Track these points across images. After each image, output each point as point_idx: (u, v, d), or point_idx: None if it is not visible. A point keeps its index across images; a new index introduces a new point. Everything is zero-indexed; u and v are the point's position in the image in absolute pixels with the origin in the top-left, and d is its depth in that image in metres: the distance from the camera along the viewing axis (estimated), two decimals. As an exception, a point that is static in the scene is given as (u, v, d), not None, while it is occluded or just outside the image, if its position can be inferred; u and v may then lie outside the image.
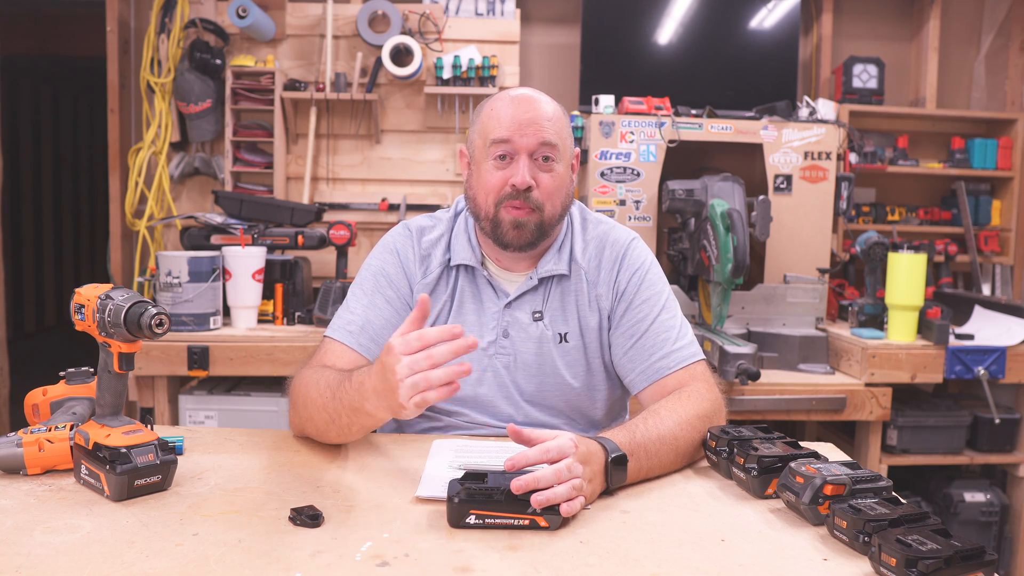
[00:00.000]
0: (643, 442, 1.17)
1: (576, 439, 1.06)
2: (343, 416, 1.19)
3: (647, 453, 1.17)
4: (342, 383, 1.19)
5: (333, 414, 1.21)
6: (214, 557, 0.89)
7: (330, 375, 1.25)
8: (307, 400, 1.27)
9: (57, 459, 1.13)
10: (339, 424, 1.21)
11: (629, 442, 1.15)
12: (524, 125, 1.35)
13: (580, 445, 1.06)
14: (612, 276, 1.46)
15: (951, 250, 3.10)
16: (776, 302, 2.70)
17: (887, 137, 3.40)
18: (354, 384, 1.16)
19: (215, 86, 3.05)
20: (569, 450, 1.03)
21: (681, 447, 1.23)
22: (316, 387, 1.25)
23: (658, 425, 1.22)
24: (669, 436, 1.21)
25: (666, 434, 1.21)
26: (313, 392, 1.25)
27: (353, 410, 1.17)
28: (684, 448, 1.24)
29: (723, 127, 2.79)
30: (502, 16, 3.20)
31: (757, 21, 3.26)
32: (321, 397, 1.23)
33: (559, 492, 0.99)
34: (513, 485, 0.97)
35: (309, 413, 1.27)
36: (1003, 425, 2.63)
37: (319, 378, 1.26)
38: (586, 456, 1.07)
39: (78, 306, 1.09)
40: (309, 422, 1.28)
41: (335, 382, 1.21)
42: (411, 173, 3.23)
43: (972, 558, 0.87)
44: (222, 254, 2.57)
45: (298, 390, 1.31)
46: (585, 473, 1.05)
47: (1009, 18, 3.43)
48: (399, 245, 1.48)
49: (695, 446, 1.26)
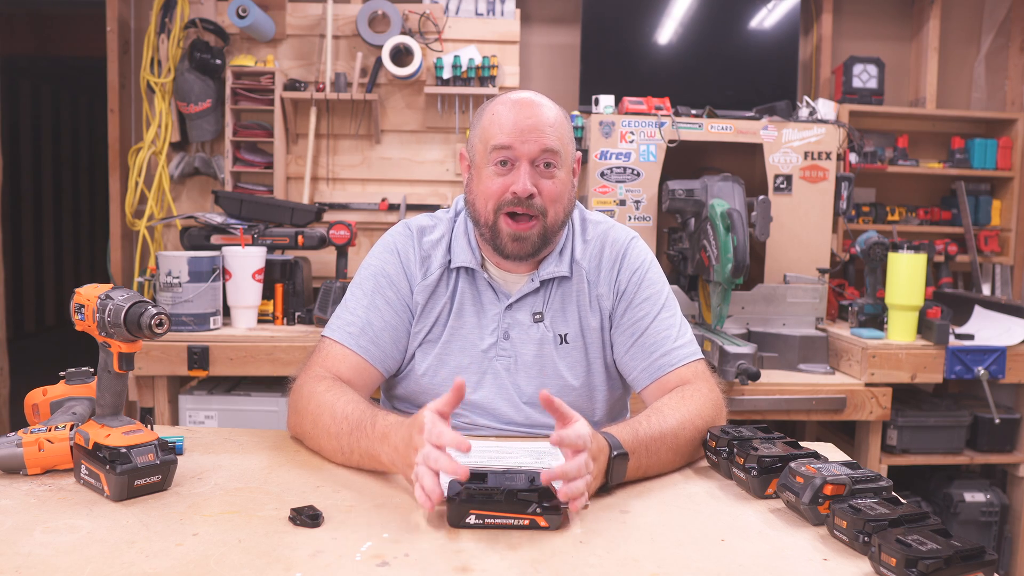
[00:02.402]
0: (645, 440, 1.18)
1: (590, 433, 1.07)
2: (355, 455, 1.19)
3: (648, 451, 1.18)
4: (362, 425, 1.18)
5: (346, 450, 1.20)
6: (214, 557, 0.89)
7: (348, 406, 1.23)
8: (317, 422, 1.25)
9: (57, 459, 1.13)
10: (349, 458, 1.21)
11: (632, 440, 1.16)
12: (526, 131, 1.34)
13: (593, 440, 1.07)
14: (613, 276, 1.46)
15: (951, 250, 3.10)
16: (776, 302, 2.70)
17: (887, 137, 3.40)
18: (377, 433, 1.15)
19: (215, 86, 3.05)
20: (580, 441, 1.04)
21: (681, 446, 1.24)
22: (331, 413, 1.23)
23: (660, 423, 1.22)
24: (670, 434, 1.22)
25: (667, 432, 1.22)
26: (326, 418, 1.24)
27: (369, 456, 1.17)
28: (684, 447, 1.25)
29: (723, 127, 2.79)
30: (502, 16, 3.20)
31: (757, 21, 3.26)
32: (335, 426, 1.22)
33: (579, 487, 1.00)
34: (544, 477, 0.98)
35: (316, 433, 1.26)
36: (1003, 425, 2.63)
37: (334, 403, 1.24)
38: (595, 452, 1.08)
39: (78, 306, 1.09)
40: (313, 441, 1.27)
41: (355, 420, 1.20)
42: (411, 173, 3.23)
43: (972, 558, 0.87)
44: (222, 254, 2.57)
45: (307, 406, 1.29)
46: (594, 469, 1.06)
47: (1009, 18, 3.43)
48: (400, 245, 1.47)
49: (695, 445, 1.27)
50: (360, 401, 1.24)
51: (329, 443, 1.23)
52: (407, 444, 1.07)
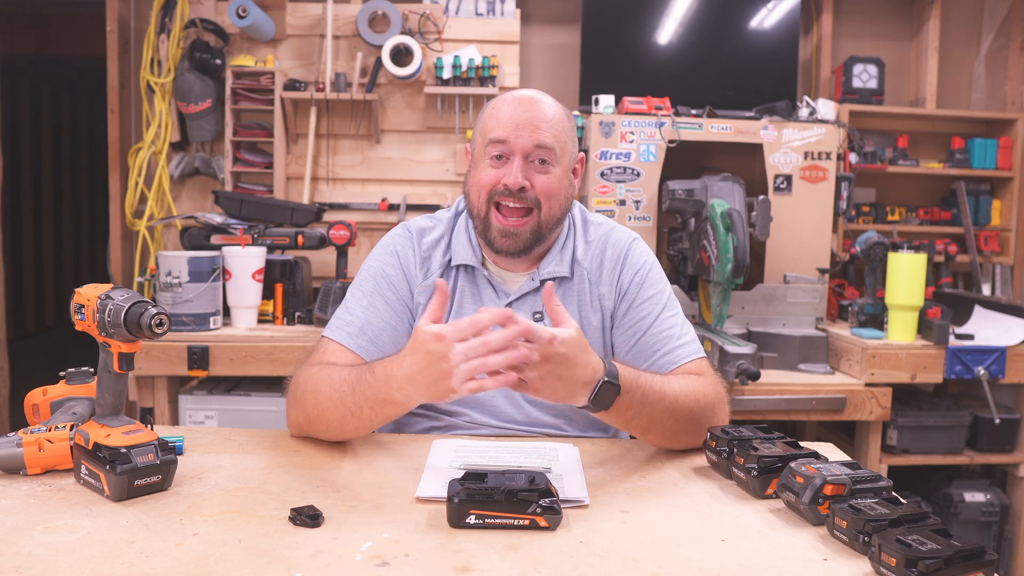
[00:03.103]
0: (645, 387, 1.20)
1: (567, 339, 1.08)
2: (365, 409, 1.19)
3: (643, 398, 1.19)
4: (362, 376, 1.19)
5: (353, 407, 1.21)
6: (214, 557, 0.89)
7: (344, 371, 1.25)
8: (317, 397, 1.26)
9: (57, 459, 1.12)
10: (359, 417, 1.21)
11: (631, 380, 1.18)
12: (521, 126, 1.35)
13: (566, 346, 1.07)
14: (614, 276, 1.47)
15: (951, 250, 3.10)
16: (776, 302, 2.70)
17: (887, 137, 3.40)
18: (378, 376, 1.16)
19: (215, 86, 3.05)
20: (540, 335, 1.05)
21: (678, 413, 1.25)
22: (328, 383, 1.25)
23: (663, 384, 1.24)
24: (670, 396, 1.24)
25: (668, 394, 1.23)
26: (325, 387, 1.25)
27: (379, 402, 1.17)
28: (680, 415, 1.25)
29: (723, 127, 2.79)
30: (502, 16, 3.20)
31: (757, 21, 3.26)
32: (337, 391, 1.23)
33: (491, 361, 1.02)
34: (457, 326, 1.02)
35: (320, 410, 1.26)
36: (1003, 425, 2.63)
37: (330, 374, 1.26)
38: (565, 360, 1.08)
39: (78, 306, 1.09)
40: (319, 419, 1.27)
41: (353, 377, 1.21)
42: (411, 173, 3.23)
43: (972, 558, 0.87)
44: (222, 254, 2.57)
45: (304, 387, 1.30)
46: (547, 370, 1.07)
47: (1009, 18, 3.43)
48: (399, 247, 1.47)
49: (692, 419, 1.27)
50: (355, 366, 1.26)
51: (334, 411, 1.23)
52: (427, 365, 1.07)
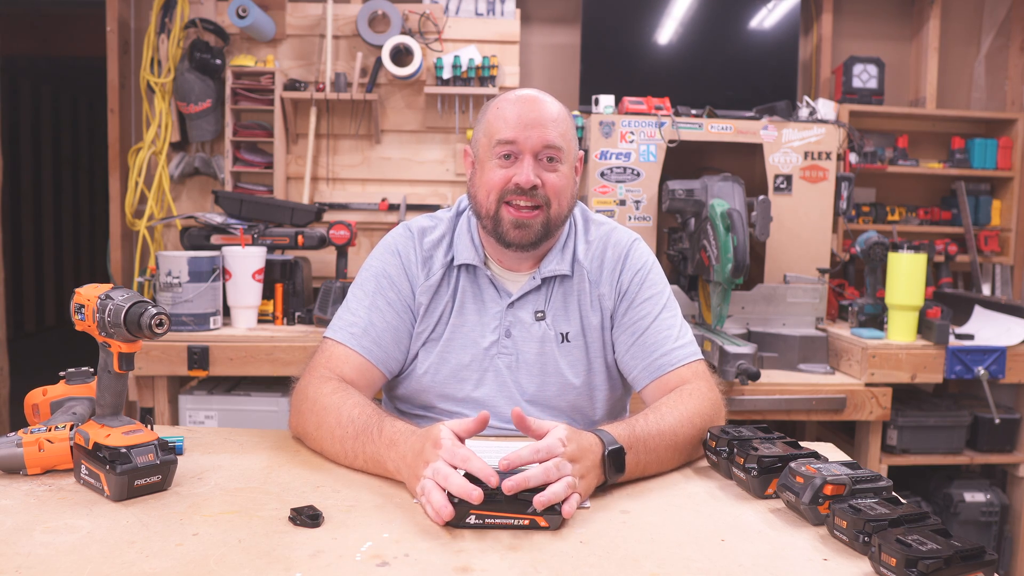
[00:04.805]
0: (643, 436, 1.18)
1: (568, 435, 1.07)
2: (359, 460, 1.18)
3: (646, 448, 1.18)
4: (369, 430, 1.17)
5: (350, 453, 1.19)
6: (214, 557, 0.89)
7: (354, 410, 1.22)
8: (321, 424, 1.25)
9: (57, 459, 1.12)
10: (352, 462, 1.20)
11: (629, 436, 1.16)
12: (529, 126, 1.35)
13: (572, 442, 1.06)
14: (615, 276, 1.47)
15: (951, 250, 3.10)
16: (776, 302, 2.70)
17: (887, 137, 3.40)
18: (384, 439, 1.15)
19: (215, 86, 3.05)
20: (556, 449, 1.04)
21: (681, 444, 1.24)
22: (336, 416, 1.23)
23: (659, 421, 1.22)
24: (669, 432, 1.22)
25: (666, 430, 1.22)
26: (331, 420, 1.23)
27: (374, 461, 1.16)
28: (684, 445, 1.24)
29: (723, 127, 2.79)
30: (502, 16, 3.20)
31: (757, 21, 3.26)
32: (340, 429, 1.21)
33: (557, 491, 0.99)
34: (505, 486, 0.97)
35: (320, 436, 1.25)
36: (1003, 425, 2.63)
37: (340, 406, 1.24)
38: (579, 452, 1.07)
39: (78, 306, 1.09)
40: (315, 443, 1.27)
41: (360, 424, 1.19)
42: (411, 173, 3.23)
43: (972, 558, 0.87)
44: (222, 254, 2.57)
45: (311, 407, 1.28)
46: (577, 469, 1.05)
47: (1009, 18, 3.43)
48: (401, 246, 1.47)
49: (694, 444, 1.27)
50: (366, 405, 1.24)
51: (332, 446, 1.23)
52: (416, 455, 1.07)
